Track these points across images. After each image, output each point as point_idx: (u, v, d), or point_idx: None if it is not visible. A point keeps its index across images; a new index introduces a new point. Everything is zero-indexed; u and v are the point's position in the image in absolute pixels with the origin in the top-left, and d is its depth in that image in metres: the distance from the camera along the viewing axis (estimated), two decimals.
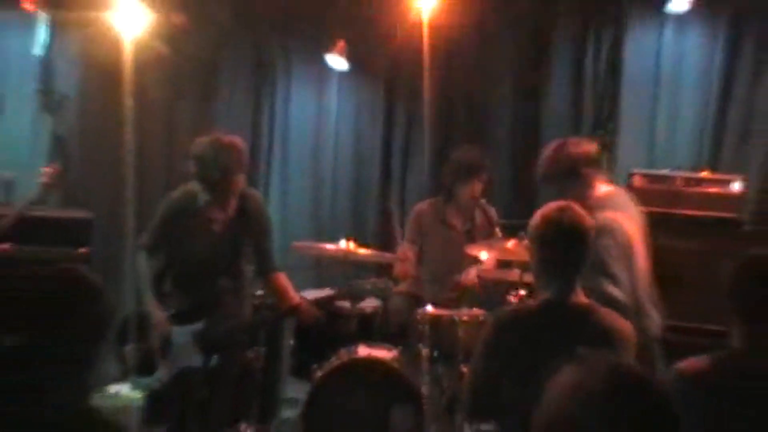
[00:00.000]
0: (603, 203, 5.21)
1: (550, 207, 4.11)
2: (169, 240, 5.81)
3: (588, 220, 4.11)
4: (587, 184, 5.17)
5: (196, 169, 5.65)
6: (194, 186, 5.74)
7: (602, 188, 5.25)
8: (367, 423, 5.84)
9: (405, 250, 6.94)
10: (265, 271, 6.03)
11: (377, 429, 5.83)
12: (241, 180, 5.79)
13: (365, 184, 8.25)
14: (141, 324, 6.22)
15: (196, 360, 5.67)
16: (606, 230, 5.08)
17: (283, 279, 6.02)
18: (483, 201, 6.81)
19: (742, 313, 3.61)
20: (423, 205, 7.08)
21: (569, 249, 4.03)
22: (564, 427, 2.13)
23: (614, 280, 4.94)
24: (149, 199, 7.03)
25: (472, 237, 6.82)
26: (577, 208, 4.16)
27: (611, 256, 4.95)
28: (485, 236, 6.71)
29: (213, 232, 5.72)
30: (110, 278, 7.28)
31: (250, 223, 5.87)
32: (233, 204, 5.78)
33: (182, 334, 5.69)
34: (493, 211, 6.79)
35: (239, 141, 5.81)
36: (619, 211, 5.15)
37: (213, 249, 5.74)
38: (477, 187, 6.77)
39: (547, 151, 5.33)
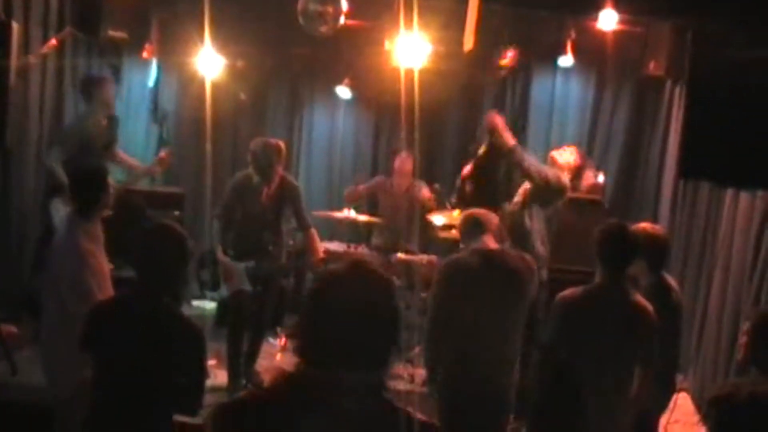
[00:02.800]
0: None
1: (468, 211, 4.79)
2: (234, 206, 6.20)
3: (488, 213, 4.71)
4: None
5: (252, 159, 6.17)
6: (250, 171, 6.21)
7: None
8: None
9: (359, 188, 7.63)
10: (302, 227, 6.49)
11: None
12: (280, 168, 6.28)
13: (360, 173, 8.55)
14: (212, 259, 6.84)
15: (247, 285, 6.15)
16: None
17: (314, 235, 6.50)
18: (418, 180, 7.52)
19: (602, 260, 4.20)
20: (379, 178, 7.90)
21: (479, 222, 4.59)
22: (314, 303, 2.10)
23: (543, 240, 5.97)
24: (221, 180, 7.44)
25: (410, 199, 7.57)
26: (483, 211, 4.78)
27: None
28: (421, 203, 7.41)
29: (261, 201, 6.17)
30: (194, 231, 7.69)
31: (286, 195, 6.29)
32: (275, 184, 6.22)
33: (239, 267, 6.14)
34: (426, 188, 7.49)
35: (280, 143, 6.38)
36: None
37: (261, 212, 6.18)
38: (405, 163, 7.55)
39: None
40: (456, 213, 6.24)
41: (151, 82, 8.37)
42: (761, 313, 3.77)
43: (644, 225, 4.70)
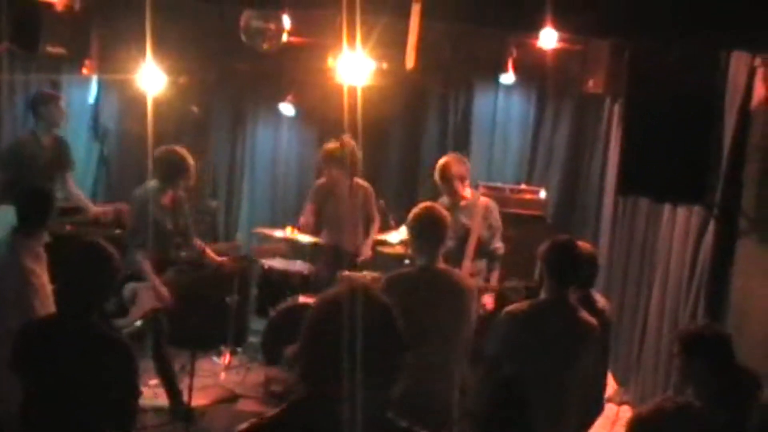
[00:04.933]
0: (475, 198, 6.36)
1: (420, 206, 4.68)
2: (147, 225, 6.04)
3: (444, 212, 4.65)
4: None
5: (155, 167, 6.23)
6: (147, 185, 6.23)
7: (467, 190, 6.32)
8: None
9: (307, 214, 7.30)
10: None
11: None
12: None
13: (304, 188, 8.44)
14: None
15: (158, 302, 6.02)
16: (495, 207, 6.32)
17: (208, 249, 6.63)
18: (360, 181, 7.28)
19: (550, 275, 4.22)
20: (319, 182, 7.48)
21: (434, 231, 4.50)
22: (314, 327, 2.11)
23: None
24: None
25: (354, 201, 7.29)
26: (438, 206, 4.77)
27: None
28: (365, 202, 7.28)
29: (164, 210, 6.20)
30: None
31: (181, 208, 6.38)
32: (175, 192, 6.29)
33: (147, 286, 5.98)
34: (369, 187, 7.33)
35: (184, 150, 6.35)
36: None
37: (165, 221, 6.19)
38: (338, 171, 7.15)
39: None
40: (401, 230, 6.41)
41: (91, 99, 8.30)
42: (688, 333, 3.81)
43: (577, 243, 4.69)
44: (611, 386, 6.40)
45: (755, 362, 4.05)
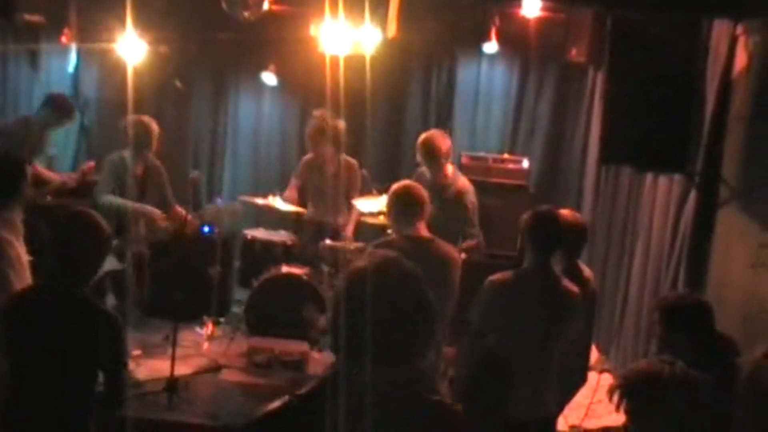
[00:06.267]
0: (456, 175, 6.24)
1: (398, 184, 4.77)
2: (111, 184, 6.35)
3: (423, 192, 4.71)
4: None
5: (126, 135, 6.42)
6: (123, 152, 6.48)
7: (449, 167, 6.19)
8: (287, 315, 6.46)
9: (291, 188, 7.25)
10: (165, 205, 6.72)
11: (294, 318, 6.38)
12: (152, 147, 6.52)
13: (287, 159, 8.70)
14: None
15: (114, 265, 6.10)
16: (471, 190, 6.18)
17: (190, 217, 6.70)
18: (348, 158, 7.22)
19: (532, 244, 4.21)
20: (306, 157, 7.37)
21: (413, 204, 4.60)
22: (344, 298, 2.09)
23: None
24: None
25: (339, 177, 7.23)
26: (415, 183, 4.83)
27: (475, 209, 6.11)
28: (349, 177, 7.20)
29: (133, 178, 6.35)
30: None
31: (153, 174, 6.60)
32: (144, 162, 6.54)
33: None
34: (356, 164, 7.22)
35: (153, 121, 6.53)
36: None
37: (131, 189, 6.34)
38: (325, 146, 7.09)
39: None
40: (382, 199, 6.24)
41: (70, 68, 8.22)
42: (669, 302, 3.82)
43: (564, 212, 4.68)
44: (593, 355, 6.43)
45: (733, 329, 4.07)
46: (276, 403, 2.12)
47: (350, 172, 7.28)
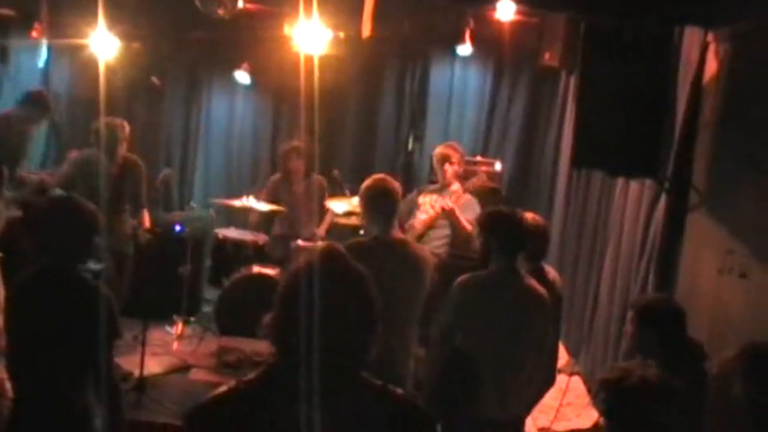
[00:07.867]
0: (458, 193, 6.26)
1: (372, 177, 4.61)
2: (74, 180, 6.29)
3: (396, 184, 4.57)
4: None
5: (95, 139, 6.36)
6: (95, 151, 6.44)
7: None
8: (258, 315, 7.05)
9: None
10: (137, 206, 6.77)
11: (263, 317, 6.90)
12: (124, 147, 6.54)
13: (259, 159, 8.83)
14: None
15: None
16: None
17: (145, 215, 6.82)
18: (316, 175, 7.35)
19: (499, 245, 4.20)
20: (275, 177, 7.52)
21: (387, 203, 4.46)
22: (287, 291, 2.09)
23: None
24: None
25: (310, 195, 7.37)
26: (389, 178, 4.65)
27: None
28: (320, 195, 7.32)
29: (105, 180, 6.29)
30: None
31: (129, 175, 6.57)
32: (119, 163, 6.50)
33: None
34: (323, 180, 7.37)
35: (124, 122, 6.52)
36: None
37: (103, 191, 6.17)
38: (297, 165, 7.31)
39: None
40: (355, 200, 6.27)
41: (41, 63, 8.14)
42: (644, 303, 3.85)
43: (526, 215, 4.66)
44: (563, 357, 6.47)
45: (701, 334, 4.11)
46: (223, 389, 2.13)
47: (320, 187, 7.41)
